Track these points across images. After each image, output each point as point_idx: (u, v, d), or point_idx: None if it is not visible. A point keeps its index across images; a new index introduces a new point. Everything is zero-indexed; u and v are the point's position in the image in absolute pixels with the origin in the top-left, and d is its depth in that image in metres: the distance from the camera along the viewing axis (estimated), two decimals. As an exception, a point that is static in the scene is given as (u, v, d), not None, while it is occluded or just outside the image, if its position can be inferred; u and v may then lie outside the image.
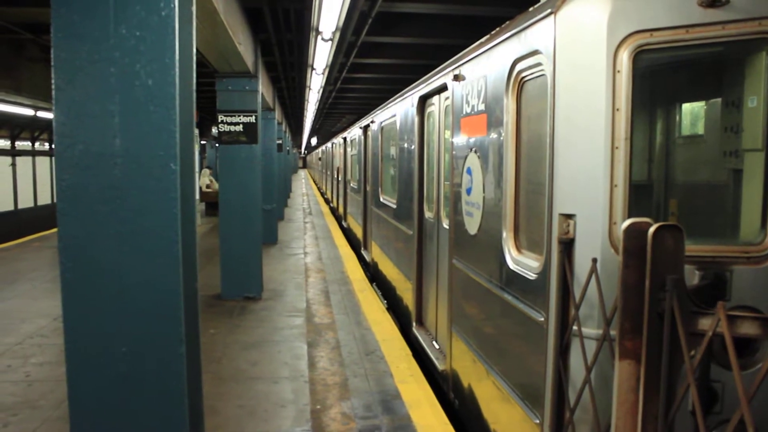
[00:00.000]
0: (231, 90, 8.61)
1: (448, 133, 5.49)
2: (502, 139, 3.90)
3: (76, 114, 2.78)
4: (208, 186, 20.50)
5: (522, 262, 3.67)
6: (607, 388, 2.84)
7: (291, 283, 9.93)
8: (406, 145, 7.60)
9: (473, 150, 4.55)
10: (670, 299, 2.29)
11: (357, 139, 14.12)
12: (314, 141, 59.47)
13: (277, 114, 17.25)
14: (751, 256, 2.86)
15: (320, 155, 38.08)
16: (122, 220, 2.84)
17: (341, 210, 19.31)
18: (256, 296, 8.79)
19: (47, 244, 13.60)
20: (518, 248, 3.79)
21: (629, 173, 2.93)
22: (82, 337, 2.89)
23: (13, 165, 25.19)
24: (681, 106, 3.60)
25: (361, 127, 13.20)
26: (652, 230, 2.33)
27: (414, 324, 7.11)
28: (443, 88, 5.67)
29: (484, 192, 4.31)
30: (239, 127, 8.60)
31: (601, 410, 2.87)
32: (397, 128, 8.21)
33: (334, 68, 11.97)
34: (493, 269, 4.10)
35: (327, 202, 28.04)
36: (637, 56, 2.90)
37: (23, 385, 5.54)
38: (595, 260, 2.91)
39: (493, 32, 4.33)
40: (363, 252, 12.96)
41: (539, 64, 3.38)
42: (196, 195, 3.26)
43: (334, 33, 7.66)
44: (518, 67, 3.68)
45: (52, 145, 26.90)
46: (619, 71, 2.91)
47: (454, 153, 5.10)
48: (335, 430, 4.67)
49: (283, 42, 9.32)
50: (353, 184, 15.26)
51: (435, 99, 6.26)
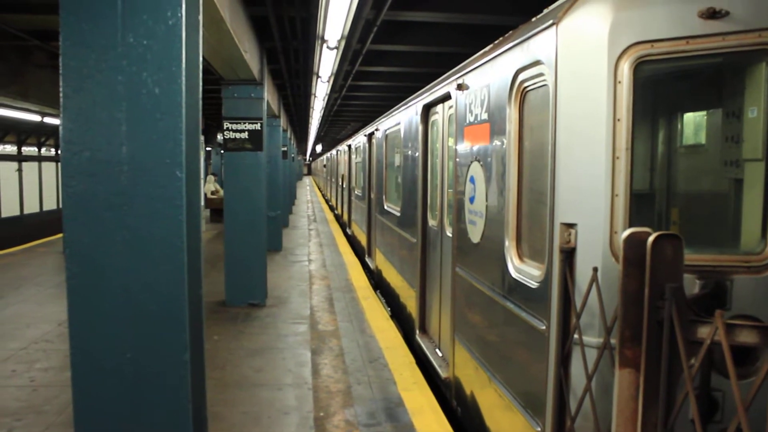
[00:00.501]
0: (237, 97, 8.66)
1: (451, 142, 5.52)
2: (504, 148, 3.93)
3: (83, 121, 2.81)
4: (213, 192, 20.54)
5: (524, 270, 3.69)
6: (607, 396, 2.85)
7: (295, 290, 9.95)
8: (410, 153, 7.62)
9: (476, 159, 4.57)
10: (669, 308, 2.30)
11: (361, 147, 14.15)
12: (319, 148, 59.45)
13: (282, 121, 17.31)
14: (752, 265, 2.88)
15: (325, 162, 38.11)
16: (128, 227, 2.86)
17: (345, 217, 19.32)
18: (260, 303, 8.80)
19: (52, 250, 13.66)
20: (520, 257, 3.81)
21: (630, 183, 2.95)
22: (87, 342, 2.91)
23: (20, 170, 25.36)
24: (682, 116, 3.62)
25: (365, 135, 13.23)
26: (651, 239, 2.35)
27: (417, 332, 7.11)
28: (447, 96, 5.70)
29: (486, 200, 4.33)
30: (245, 135, 8.64)
31: (601, 418, 2.88)
32: (402, 136, 8.25)
33: (339, 76, 12.03)
34: (496, 277, 4.11)
35: (332, 209, 28.06)
36: (638, 67, 2.93)
37: (28, 390, 5.57)
38: (596, 269, 2.93)
39: (495, 42, 4.37)
40: (367, 259, 12.96)
41: (541, 74, 3.41)
42: (201, 202, 3.29)
43: (339, 41, 7.70)
44: (521, 77, 3.71)
45: (58, 151, 27.06)
46: (620, 82, 2.94)
47: (457, 161, 5.12)
48: (338, 436, 4.69)
49: (289, 50, 9.37)
50: (358, 192, 15.28)
51: (439, 107, 6.29)
